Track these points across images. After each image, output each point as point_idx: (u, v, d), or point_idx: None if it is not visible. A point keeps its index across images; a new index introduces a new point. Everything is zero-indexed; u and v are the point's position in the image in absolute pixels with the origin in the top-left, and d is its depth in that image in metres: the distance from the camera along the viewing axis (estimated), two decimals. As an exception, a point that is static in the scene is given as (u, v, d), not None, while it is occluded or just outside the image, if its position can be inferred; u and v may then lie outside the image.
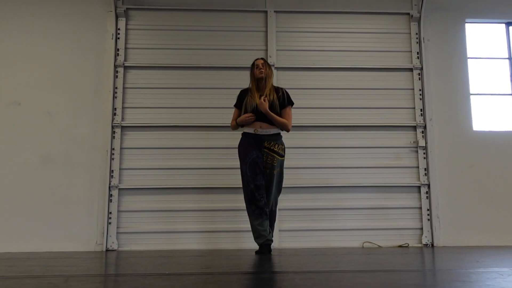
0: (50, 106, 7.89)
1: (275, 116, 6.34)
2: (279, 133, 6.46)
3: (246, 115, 6.33)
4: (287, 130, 6.53)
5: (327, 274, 3.61)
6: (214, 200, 7.82)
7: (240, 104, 6.56)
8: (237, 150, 6.41)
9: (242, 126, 6.46)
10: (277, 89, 6.58)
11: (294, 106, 6.80)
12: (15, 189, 7.63)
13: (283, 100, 6.47)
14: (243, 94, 6.59)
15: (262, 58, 6.69)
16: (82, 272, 4.05)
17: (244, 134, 6.44)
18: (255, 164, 6.20)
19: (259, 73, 6.45)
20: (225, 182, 7.78)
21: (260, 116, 6.31)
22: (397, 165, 8.10)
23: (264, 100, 6.23)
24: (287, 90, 6.68)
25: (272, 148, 6.28)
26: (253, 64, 6.61)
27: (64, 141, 7.80)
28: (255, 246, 6.84)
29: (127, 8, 8.22)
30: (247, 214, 6.31)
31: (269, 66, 6.65)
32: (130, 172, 7.87)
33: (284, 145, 6.49)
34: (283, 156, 6.41)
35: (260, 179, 6.19)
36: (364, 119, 8.18)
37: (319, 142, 8.09)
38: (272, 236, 6.35)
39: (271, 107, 6.32)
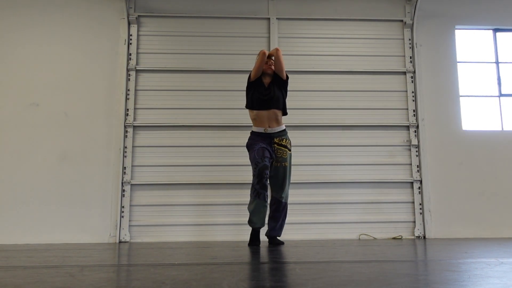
0: (67, 107, 7.90)
1: (283, 62, 6.38)
2: (285, 129, 6.39)
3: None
4: (283, 74, 6.42)
5: (325, 264, 3.61)
6: (220, 195, 7.82)
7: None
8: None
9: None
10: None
11: (294, 107, 6.84)
12: (34, 185, 7.65)
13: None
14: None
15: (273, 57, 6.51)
16: (96, 262, 4.06)
17: (253, 133, 6.34)
18: (263, 150, 6.10)
19: (268, 69, 6.40)
20: (231, 178, 7.79)
21: (271, 102, 6.27)
22: (391, 162, 8.10)
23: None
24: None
25: (281, 143, 6.24)
26: (265, 54, 6.38)
27: (80, 139, 7.82)
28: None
29: (138, 16, 8.24)
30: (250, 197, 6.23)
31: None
32: (141, 169, 7.88)
33: (290, 140, 6.43)
34: (290, 150, 6.37)
35: (268, 161, 6.07)
36: (361, 119, 8.18)
37: (319, 140, 8.09)
38: (282, 228, 6.38)
39: (279, 93, 6.36)
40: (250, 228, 6.27)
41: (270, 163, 6.15)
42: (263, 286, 2.54)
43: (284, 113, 6.47)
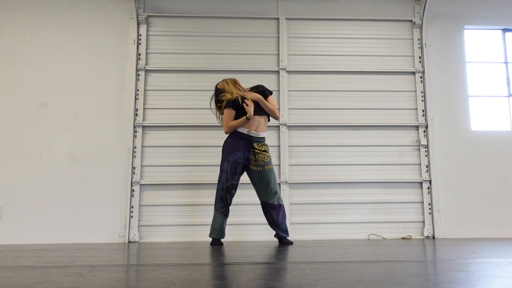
0: (77, 107, 7.92)
1: (268, 103, 6.31)
2: (265, 137, 6.38)
3: (251, 106, 6.18)
4: (277, 117, 6.47)
5: (335, 264, 3.61)
6: (229, 195, 7.83)
7: (236, 105, 6.26)
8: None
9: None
10: (255, 87, 6.52)
11: (303, 107, 6.96)
12: (44, 185, 7.66)
13: (263, 93, 6.38)
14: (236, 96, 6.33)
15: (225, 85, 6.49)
16: (105, 262, 4.06)
17: (234, 133, 6.28)
18: (236, 164, 6.18)
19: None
20: (240, 179, 7.78)
21: (257, 110, 6.24)
22: (401, 162, 8.09)
23: (247, 104, 6.18)
24: (265, 87, 6.59)
25: (260, 148, 6.20)
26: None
27: (90, 140, 7.84)
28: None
29: (148, 16, 8.25)
30: (214, 206, 6.32)
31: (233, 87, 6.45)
32: (150, 169, 7.89)
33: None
34: (270, 155, 6.34)
35: (237, 179, 6.24)
36: (370, 119, 8.17)
37: (328, 140, 8.08)
38: (286, 229, 6.37)
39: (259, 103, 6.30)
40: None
41: (238, 181, 6.31)
42: (272, 286, 2.54)
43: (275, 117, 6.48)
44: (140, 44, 8.20)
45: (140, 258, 4.67)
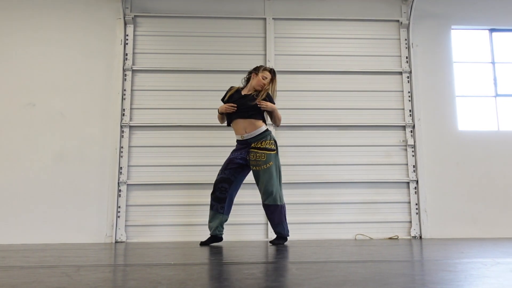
0: (63, 107, 7.90)
1: (278, 115, 6.38)
2: (265, 131, 6.26)
3: (228, 104, 6.28)
4: (278, 125, 6.58)
5: (322, 264, 3.61)
6: (216, 195, 7.82)
7: (223, 98, 6.56)
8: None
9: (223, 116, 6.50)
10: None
11: (291, 107, 6.96)
12: (30, 185, 7.64)
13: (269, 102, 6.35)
14: (232, 92, 6.51)
15: (272, 72, 6.52)
16: (92, 262, 4.05)
17: (236, 141, 6.41)
18: (229, 161, 6.30)
19: (258, 86, 6.39)
20: (227, 178, 7.80)
21: (241, 113, 6.25)
22: (388, 162, 8.11)
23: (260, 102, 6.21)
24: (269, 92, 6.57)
25: (259, 146, 6.15)
26: (262, 69, 6.50)
27: (76, 139, 7.82)
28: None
29: (135, 16, 8.24)
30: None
31: (273, 83, 6.52)
32: (137, 169, 7.88)
33: (274, 140, 6.30)
34: (274, 150, 6.21)
35: (228, 173, 6.24)
36: (357, 119, 8.19)
37: (315, 140, 8.10)
38: (282, 230, 6.28)
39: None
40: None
41: (234, 174, 6.29)
42: (259, 286, 2.54)
43: (270, 119, 6.51)
44: (127, 44, 8.19)
45: (127, 258, 4.66)
